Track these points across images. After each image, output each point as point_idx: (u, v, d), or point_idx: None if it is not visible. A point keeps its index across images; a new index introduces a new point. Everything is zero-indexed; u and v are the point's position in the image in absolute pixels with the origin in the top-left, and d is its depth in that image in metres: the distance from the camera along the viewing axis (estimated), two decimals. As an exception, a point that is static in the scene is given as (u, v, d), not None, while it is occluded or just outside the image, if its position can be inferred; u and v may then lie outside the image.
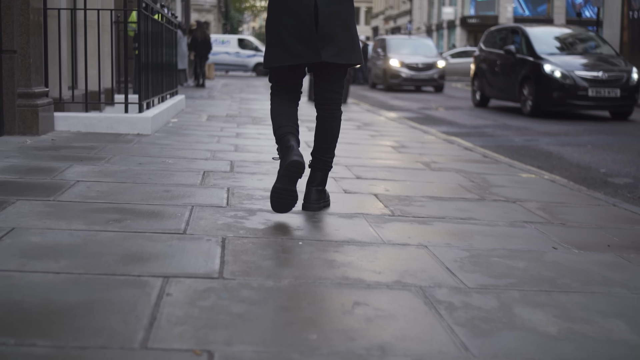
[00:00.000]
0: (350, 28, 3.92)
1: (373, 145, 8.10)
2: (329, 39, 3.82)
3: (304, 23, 3.79)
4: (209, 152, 6.49)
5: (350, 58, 3.92)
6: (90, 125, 7.65)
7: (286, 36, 3.83)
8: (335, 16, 3.84)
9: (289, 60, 3.86)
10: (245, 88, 22.55)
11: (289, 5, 3.83)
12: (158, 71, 9.45)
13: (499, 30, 18.48)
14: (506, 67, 16.44)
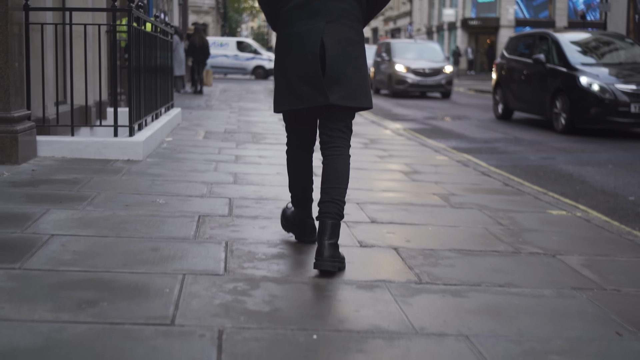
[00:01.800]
0: (360, 69, 3.74)
1: (383, 171, 7.48)
2: (337, 81, 3.65)
3: (311, 65, 3.63)
4: (205, 186, 5.87)
5: (360, 101, 3.75)
6: (76, 150, 7.03)
7: (293, 79, 3.69)
8: (344, 57, 3.68)
9: (296, 104, 3.72)
10: (244, 95, 21.93)
11: (295, 46, 3.69)
12: (152, 87, 8.83)
13: (525, 36, 16.89)
14: (535, 77, 14.80)
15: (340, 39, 3.67)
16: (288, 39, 3.74)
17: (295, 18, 3.70)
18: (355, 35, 3.75)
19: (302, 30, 3.67)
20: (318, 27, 3.65)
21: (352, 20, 3.74)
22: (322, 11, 3.67)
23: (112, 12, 7.12)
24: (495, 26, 48.95)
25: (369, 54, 28.46)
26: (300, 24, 3.69)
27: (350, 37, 3.72)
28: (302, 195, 4.08)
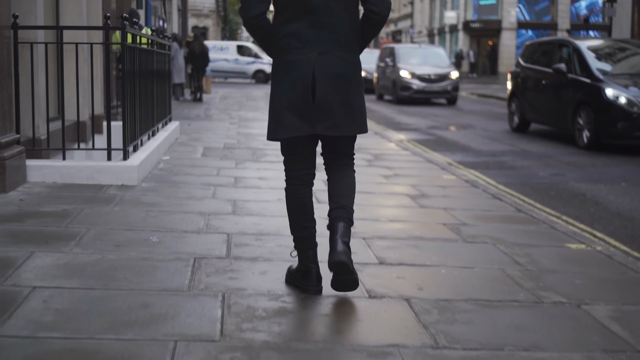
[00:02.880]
0: (351, 99, 3.73)
1: (389, 196, 7.15)
2: (325, 112, 3.68)
3: (301, 94, 3.64)
4: (202, 218, 5.54)
5: (349, 130, 3.77)
6: (67, 175, 6.70)
7: (281, 108, 3.70)
8: (334, 89, 3.68)
9: (284, 133, 3.72)
10: (244, 102, 21.60)
11: (287, 74, 3.69)
12: (148, 104, 8.51)
13: (542, 43, 15.85)
14: (555, 88, 13.79)
15: (332, 72, 3.67)
16: (281, 66, 3.73)
17: (289, 46, 3.70)
18: (349, 67, 3.74)
19: (294, 59, 3.68)
20: (310, 57, 3.66)
21: (345, 51, 3.73)
22: (314, 41, 3.67)
23: (104, 30, 6.77)
24: (497, 29, 48.58)
25: (372, 59, 28.18)
26: (293, 52, 3.68)
27: (343, 71, 3.71)
28: (304, 234, 3.88)
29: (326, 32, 3.68)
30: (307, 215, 3.89)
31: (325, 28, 3.69)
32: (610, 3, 25.91)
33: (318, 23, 3.68)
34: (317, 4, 3.66)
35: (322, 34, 3.68)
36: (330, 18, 3.68)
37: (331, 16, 3.68)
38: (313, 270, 3.85)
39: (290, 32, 3.69)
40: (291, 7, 3.68)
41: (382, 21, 3.82)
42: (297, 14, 3.68)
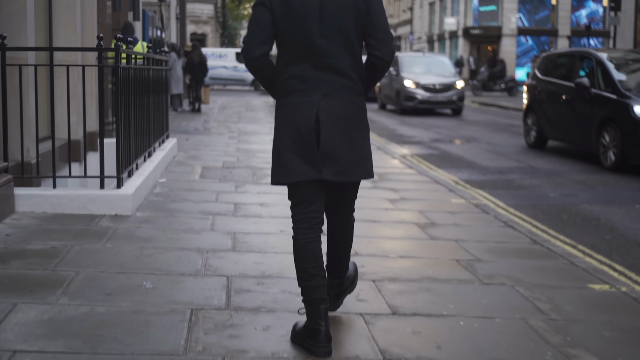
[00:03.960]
0: (356, 143, 3.64)
1: (396, 224, 6.80)
2: (331, 157, 3.57)
3: (305, 138, 3.55)
4: (200, 257, 5.18)
5: (355, 175, 3.67)
6: (58, 205, 6.35)
7: (285, 152, 3.60)
8: (339, 133, 3.58)
9: (288, 178, 3.62)
10: (243, 113, 21.26)
11: (290, 117, 3.59)
12: (144, 124, 8.16)
13: (561, 55, 14.93)
14: (577, 104, 12.85)
15: (336, 114, 3.58)
16: (284, 109, 3.63)
17: (293, 89, 3.60)
18: (354, 110, 3.65)
19: (298, 102, 3.58)
20: (314, 100, 3.57)
21: (350, 93, 3.64)
22: (318, 84, 3.58)
23: (98, 51, 6.43)
24: (497, 35, 48.27)
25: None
26: (297, 95, 3.59)
27: (348, 113, 3.62)
28: (313, 283, 3.62)
29: (330, 74, 3.59)
30: (316, 263, 3.65)
31: (330, 70, 3.59)
32: (614, 12, 25.58)
33: (322, 65, 3.58)
34: (321, 46, 3.56)
35: (326, 76, 3.59)
36: (334, 60, 3.59)
37: (335, 58, 3.59)
38: (322, 330, 3.52)
39: (294, 74, 3.60)
40: (294, 48, 3.58)
41: (386, 66, 3.71)
42: (301, 55, 3.58)
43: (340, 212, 3.90)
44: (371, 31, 3.63)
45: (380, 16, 3.64)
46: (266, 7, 3.57)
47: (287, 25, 3.56)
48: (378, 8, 3.63)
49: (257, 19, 3.58)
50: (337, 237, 3.94)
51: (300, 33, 3.55)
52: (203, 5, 47.65)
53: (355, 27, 3.60)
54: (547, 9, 47.90)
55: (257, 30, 3.58)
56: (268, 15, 3.57)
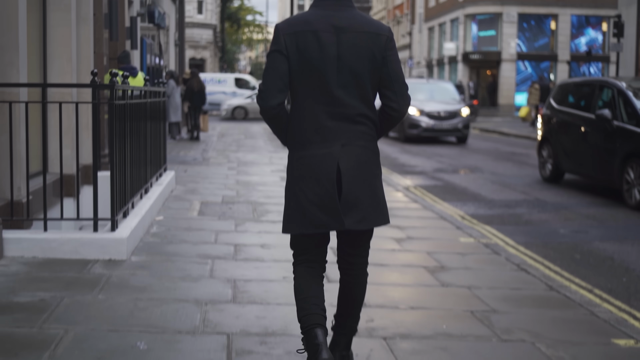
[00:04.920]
0: (376, 189, 3.67)
1: (405, 268, 6.48)
2: (352, 205, 3.57)
3: (327, 190, 3.53)
4: (199, 309, 4.86)
5: (376, 222, 3.67)
6: (49, 249, 6.04)
7: (306, 203, 3.57)
8: (360, 181, 3.59)
9: (308, 228, 3.60)
10: (242, 141, 20.98)
11: (309, 170, 3.57)
12: (140, 160, 7.87)
13: (579, 84, 14.07)
14: (597, 136, 12.02)
15: (356, 162, 3.57)
16: (301, 162, 3.60)
17: (310, 141, 3.58)
18: (371, 155, 3.65)
19: (316, 154, 3.56)
20: (334, 151, 3.55)
21: (367, 140, 3.63)
22: (337, 134, 3.56)
23: (92, 88, 6.14)
24: (496, 60, 48.13)
25: (375, 95, 27.45)
26: (314, 147, 3.57)
27: (367, 159, 3.62)
28: (314, 320, 3.60)
29: (347, 123, 3.58)
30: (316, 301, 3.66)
31: (346, 119, 3.58)
32: (616, 38, 25.41)
33: (338, 114, 3.57)
34: (338, 96, 3.55)
35: (342, 125, 3.57)
36: (350, 109, 3.58)
37: (351, 108, 3.58)
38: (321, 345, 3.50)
39: (310, 125, 3.57)
40: (310, 97, 3.57)
41: (401, 117, 3.72)
42: (317, 105, 3.56)
43: (354, 262, 3.82)
44: (388, 83, 3.64)
45: (396, 68, 3.65)
46: (283, 55, 3.53)
47: (303, 75, 3.53)
48: (394, 60, 3.64)
49: (274, 66, 3.53)
50: (351, 290, 3.86)
51: (318, 82, 3.53)
52: (202, 30, 47.55)
53: (371, 78, 3.60)
54: (546, 36, 47.79)
55: (275, 78, 3.52)
56: (285, 63, 3.53)
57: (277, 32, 3.58)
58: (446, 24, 53.32)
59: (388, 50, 3.62)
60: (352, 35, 3.56)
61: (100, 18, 11.07)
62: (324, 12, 3.58)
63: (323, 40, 3.52)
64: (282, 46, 3.54)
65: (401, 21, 66.28)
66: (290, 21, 3.62)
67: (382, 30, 3.62)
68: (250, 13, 78.99)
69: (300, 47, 3.52)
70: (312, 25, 3.55)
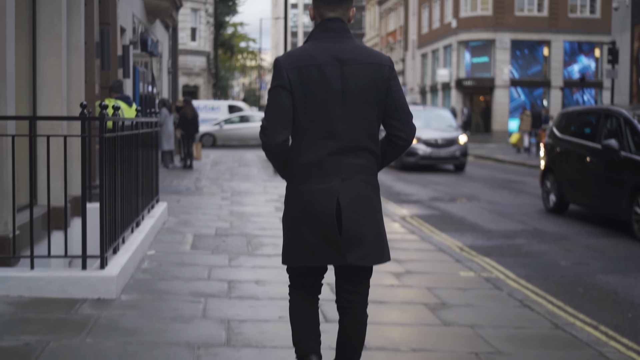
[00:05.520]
0: (378, 225, 3.60)
1: (405, 305, 6.27)
2: (355, 241, 3.50)
3: (327, 226, 3.47)
4: (191, 354, 4.63)
5: (379, 258, 3.60)
6: (36, 288, 5.81)
7: (307, 235, 3.50)
8: (361, 216, 3.52)
9: (312, 261, 3.55)
10: (236, 169, 20.78)
11: (309, 205, 3.50)
12: (132, 194, 7.66)
13: (583, 112, 13.67)
14: (604, 167, 11.62)
15: (356, 196, 3.51)
16: (301, 196, 3.53)
17: (309, 175, 3.51)
18: (371, 190, 3.60)
19: (316, 189, 3.49)
20: (333, 185, 3.49)
21: (367, 174, 3.58)
22: (337, 169, 3.51)
23: (82, 121, 5.95)
24: (490, 86, 48.20)
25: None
26: (314, 181, 3.50)
27: (367, 193, 3.56)
28: (309, 347, 3.67)
29: (348, 157, 3.52)
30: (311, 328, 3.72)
31: (347, 153, 3.52)
32: (611, 65, 25.41)
33: (340, 149, 3.51)
34: (342, 130, 3.50)
35: (343, 159, 3.52)
36: (353, 143, 3.52)
37: (354, 141, 3.53)
38: None
39: (311, 160, 3.51)
40: (313, 132, 3.50)
41: (407, 146, 3.68)
42: (319, 139, 3.50)
43: (354, 300, 3.72)
44: (394, 113, 3.60)
45: (401, 97, 3.61)
46: (287, 90, 3.47)
47: (307, 109, 3.48)
48: (398, 89, 3.60)
49: (278, 102, 3.46)
50: (350, 333, 3.75)
51: (321, 117, 3.48)
52: (195, 57, 47.46)
53: (376, 109, 3.56)
54: (539, 64, 47.92)
55: (280, 115, 3.46)
56: (289, 98, 3.47)
57: (279, 66, 3.51)
58: (439, 50, 53.48)
59: (391, 80, 3.59)
60: (355, 67, 3.52)
61: (91, 47, 10.90)
62: (325, 44, 3.54)
63: (327, 74, 3.48)
64: (286, 81, 3.47)
65: (394, 48, 66.47)
66: (292, 55, 3.55)
67: (384, 60, 3.60)
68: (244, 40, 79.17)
69: (305, 82, 3.46)
70: (316, 58, 3.50)
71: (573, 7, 47.03)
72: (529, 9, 47.15)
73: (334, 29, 3.57)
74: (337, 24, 3.58)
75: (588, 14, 47.15)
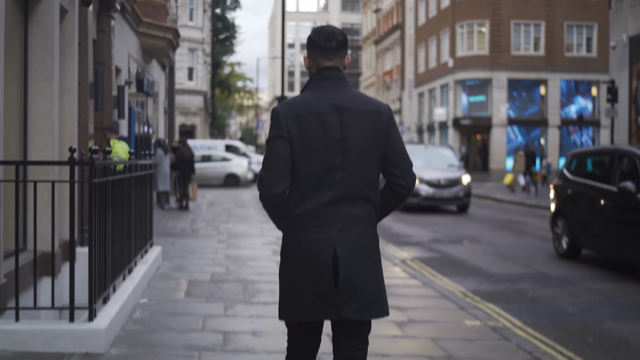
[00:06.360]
0: (375, 277, 3.49)
1: (410, 358, 5.96)
2: (351, 293, 3.40)
3: (322, 278, 3.37)
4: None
5: (376, 312, 3.49)
6: (21, 342, 5.50)
7: (302, 290, 3.41)
8: (358, 267, 3.42)
9: (304, 317, 3.46)
10: (232, 210, 20.51)
11: (305, 256, 3.39)
12: (124, 239, 7.38)
13: (595, 153, 13.05)
14: (621, 211, 11.01)
15: (354, 247, 3.42)
16: (297, 246, 3.43)
17: (305, 225, 3.42)
18: (370, 241, 3.50)
19: (312, 239, 3.40)
20: (330, 236, 3.40)
21: (366, 225, 3.49)
22: (334, 218, 3.42)
23: (70, 166, 5.69)
24: (487, 125, 48.16)
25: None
26: (311, 231, 3.41)
27: (365, 244, 3.47)
28: None
29: (346, 207, 3.44)
30: None
31: (346, 203, 3.44)
32: (610, 104, 25.32)
33: (337, 197, 3.42)
34: (341, 179, 3.42)
35: (341, 209, 3.43)
36: (350, 192, 3.44)
37: (353, 191, 3.45)
38: None
39: (307, 210, 3.41)
40: (311, 181, 3.41)
41: (408, 194, 3.61)
42: (317, 189, 3.41)
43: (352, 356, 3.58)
44: (394, 160, 3.54)
45: (401, 144, 3.56)
46: (285, 140, 3.40)
47: (305, 158, 3.40)
48: (398, 137, 3.55)
49: (276, 152, 3.40)
50: None
51: (320, 165, 3.40)
52: (192, 96, 47.43)
53: (376, 157, 3.50)
54: (536, 105, 47.95)
55: (278, 165, 3.39)
56: (287, 148, 3.40)
57: (277, 116, 3.44)
58: (436, 89, 53.56)
59: (390, 128, 3.54)
60: (354, 115, 3.47)
61: (85, 87, 10.69)
62: (323, 93, 3.49)
63: (326, 122, 3.42)
64: (284, 131, 3.41)
65: (391, 87, 66.63)
66: (291, 104, 3.49)
67: (382, 108, 3.55)
68: (241, 79, 79.52)
69: (304, 131, 3.40)
70: (314, 107, 3.44)
71: (569, 46, 47.16)
72: (525, 48, 47.26)
73: (332, 77, 3.53)
74: (335, 73, 3.55)
75: (584, 53, 47.27)
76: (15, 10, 8.31)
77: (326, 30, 3.57)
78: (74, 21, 9.82)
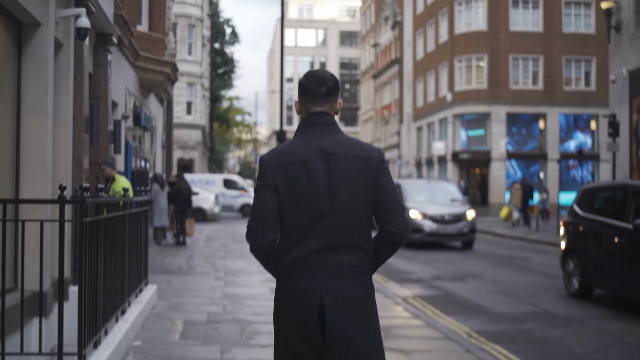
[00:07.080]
0: (368, 328, 3.33)
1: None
2: (341, 346, 3.27)
3: (310, 329, 3.26)
4: None
5: None
6: (5, 391, 5.21)
7: (292, 339, 3.32)
8: (347, 318, 3.28)
9: None
10: (230, 246, 20.21)
11: (292, 306, 3.30)
12: (117, 279, 7.11)
13: (607, 188, 12.46)
14: (636, 249, 10.55)
15: (343, 297, 3.30)
16: (285, 295, 3.35)
17: (293, 273, 3.33)
18: (361, 289, 3.37)
19: (300, 288, 3.31)
20: (317, 285, 3.30)
21: (356, 273, 3.36)
22: (321, 266, 3.32)
23: (60, 204, 5.44)
24: (486, 159, 48.03)
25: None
26: (298, 280, 3.32)
27: (355, 293, 3.33)
28: None
29: (335, 255, 3.33)
30: None
31: (334, 251, 3.33)
32: (612, 138, 25.17)
33: (326, 246, 3.32)
34: (329, 226, 3.32)
35: (330, 257, 3.32)
36: (340, 239, 3.33)
37: (342, 237, 3.34)
38: None
39: (296, 258, 3.32)
40: (299, 229, 3.32)
41: (401, 242, 3.45)
42: (305, 236, 3.32)
43: None
44: (384, 206, 3.42)
45: (391, 189, 3.44)
46: (271, 189, 3.34)
47: (292, 207, 3.32)
48: (388, 182, 3.44)
49: (263, 202, 3.34)
50: None
51: (307, 214, 3.31)
52: (191, 130, 47.33)
53: (366, 203, 3.39)
54: (535, 140, 47.87)
55: (265, 215, 3.32)
56: (274, 197, 3.34)
57: (264, 164, 3.40)
58: (435, 123, 53.51)
59: (380, 172, 3.43)
60: (342, 161, 3.39)
61: (80, 122, 10.47)
62: (310, 139, 3.41)
63: (312, 169, 3.35)
64: (270, 180, 3.36)
65: (389, 121, 66.64)
66: (276, 152, 3.43)
67: (372, 152, 3.45)
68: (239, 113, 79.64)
69: (289, 180, 3.34)
70: (300, 154, 3.37)
71: (568, 80, 47.17)
72: (524, 82, 47.26)
73: (320, 123, 3.45)
74: (323, 118, 3.47)
75: (583, 87, 47.27)
76: (9, 43, 8.12)
77: (316, 75, 3.48)
78: (69, 55, 9.63)
